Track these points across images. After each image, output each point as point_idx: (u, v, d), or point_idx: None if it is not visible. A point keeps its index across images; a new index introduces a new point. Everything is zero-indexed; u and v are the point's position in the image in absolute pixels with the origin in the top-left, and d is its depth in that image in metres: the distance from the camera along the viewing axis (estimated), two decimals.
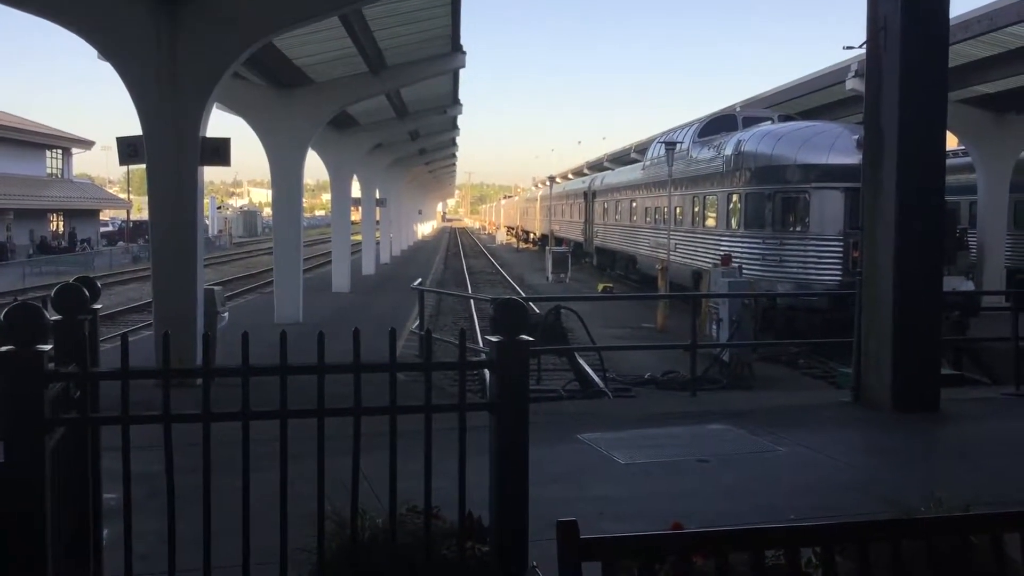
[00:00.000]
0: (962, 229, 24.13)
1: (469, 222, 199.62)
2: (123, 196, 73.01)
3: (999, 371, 14.92)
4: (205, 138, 11.98)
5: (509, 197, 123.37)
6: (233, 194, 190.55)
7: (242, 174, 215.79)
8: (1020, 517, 3.08)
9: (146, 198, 12.43)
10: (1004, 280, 24.26)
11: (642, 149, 41.00)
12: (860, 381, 10.38)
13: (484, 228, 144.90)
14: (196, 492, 3.64)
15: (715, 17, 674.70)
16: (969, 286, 20.64)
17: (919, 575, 3.06)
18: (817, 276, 20.17)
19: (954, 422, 9.60)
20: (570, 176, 68.63)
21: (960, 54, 18.64)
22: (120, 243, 53.45)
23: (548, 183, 51.56)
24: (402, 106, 27.49)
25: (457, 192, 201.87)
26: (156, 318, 12.15)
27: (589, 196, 44.15)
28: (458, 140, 47.11)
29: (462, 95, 29.91)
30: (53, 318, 3.71)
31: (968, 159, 25.73)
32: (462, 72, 23.60)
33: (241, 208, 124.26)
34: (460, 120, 36.27)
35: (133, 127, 11.96)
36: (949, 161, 11.30)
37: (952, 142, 23.98)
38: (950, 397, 10.27)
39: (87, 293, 4.00)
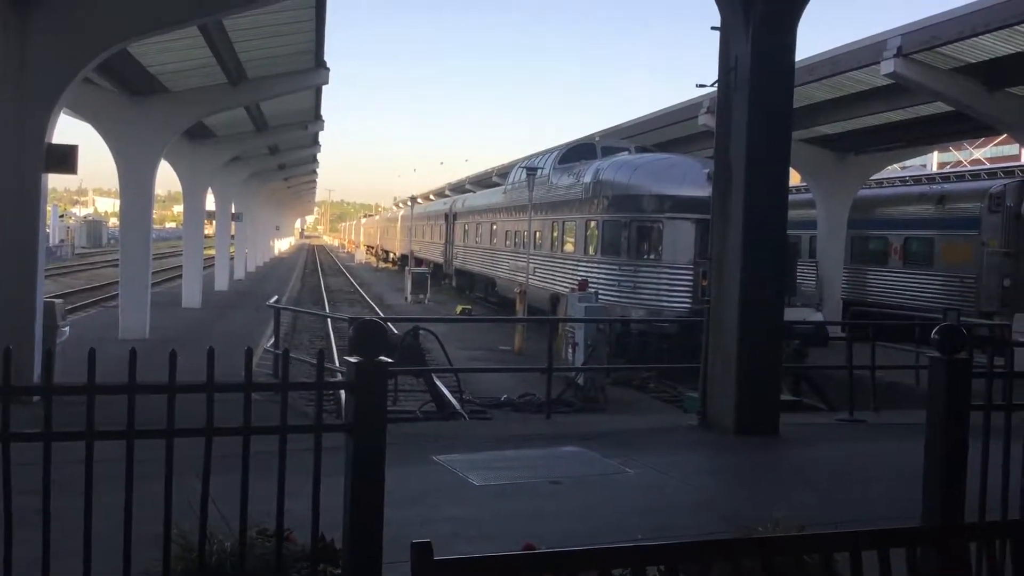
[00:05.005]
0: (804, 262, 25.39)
1: (328, 240, 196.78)
2: None
3: (834, 398, 15.72)
4: (51, 144, 11.45)
5: (370, 216, 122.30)
6: (77, 202, 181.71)
7: (87, 182, 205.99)
8: (849, 537, 3.28)
9: None
10: (840, 311, 25.57)
11: (504, 173, 41.44)
12: (706, 405, 10.76)
13: (343, 246, 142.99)
14: (35, 515, 3.48)
15: (576, 50, 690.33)
16: (819, 317, 21.64)
17: None
18: (669, 303, 20.83)
19: (792, 446, 10.07)
20: (432, 197, 68.67)
21: (805, 96, 19.63)
22: None
23: (409, 203, 51.41)
24: (262, 120, 26.95)
25: (317, 209, 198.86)
26: None
27: (450, 218, 44.27)
28: (319, 156, 46.42)
29: (324, 111, 29.59)
30: None
31: (809, 195, 27.07)
32: (325, 88, 23.36)
33: (85, 217, 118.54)
34: (322, 136, 35.84)
35: None
36: (792, 197, 11.86)
37: (795, 179, 25.21)
38: (789, 422, 10.76)
39: None
